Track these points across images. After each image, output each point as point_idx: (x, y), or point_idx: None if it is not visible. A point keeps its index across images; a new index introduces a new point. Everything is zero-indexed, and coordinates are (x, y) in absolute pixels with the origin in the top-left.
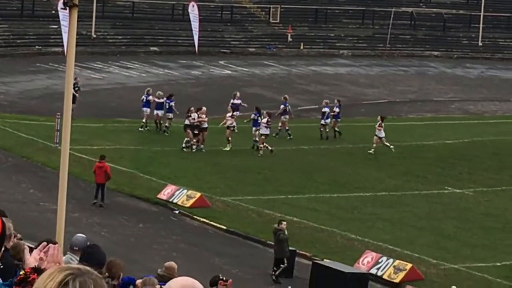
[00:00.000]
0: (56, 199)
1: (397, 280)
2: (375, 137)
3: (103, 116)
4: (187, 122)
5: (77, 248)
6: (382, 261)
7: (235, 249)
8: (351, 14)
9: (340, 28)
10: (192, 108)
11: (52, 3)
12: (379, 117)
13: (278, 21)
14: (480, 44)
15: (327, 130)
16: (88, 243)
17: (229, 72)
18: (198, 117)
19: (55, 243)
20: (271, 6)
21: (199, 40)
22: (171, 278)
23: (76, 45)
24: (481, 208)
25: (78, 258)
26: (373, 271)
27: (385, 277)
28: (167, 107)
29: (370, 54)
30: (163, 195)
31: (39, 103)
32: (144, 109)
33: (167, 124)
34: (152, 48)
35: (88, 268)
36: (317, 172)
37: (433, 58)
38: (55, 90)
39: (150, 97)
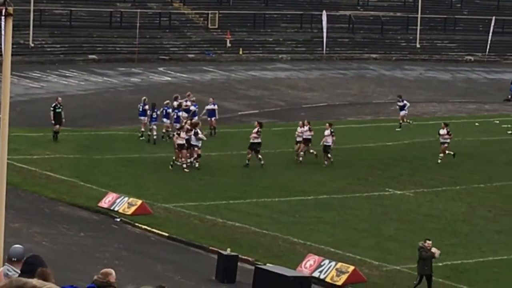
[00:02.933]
0: None
1: (339, 283)
2: None
3: (42, 126)
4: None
5: (15, 259)
6: (324, 264)
7: (177, 255)
8: (289, 19)
9: (278, 32)
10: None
11: None
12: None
13: (216, 26)
14: (418, 46)
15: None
16: (29, 254)
17: (169, 78)
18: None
19: None
20: (209, 12)
21: (138, 47)
22: (106, 283)
23: (14, 54)
24: (422, 209)
25: (16, 269)
26: (316, 274)
27: (327, 280)
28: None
29: (309, 58)
30: (104, 203)
31: None
32: (142, 118)
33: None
34: (90, 56)
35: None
36: (258, 176)
37: (371, 60)
38: None
39: (146, 106)
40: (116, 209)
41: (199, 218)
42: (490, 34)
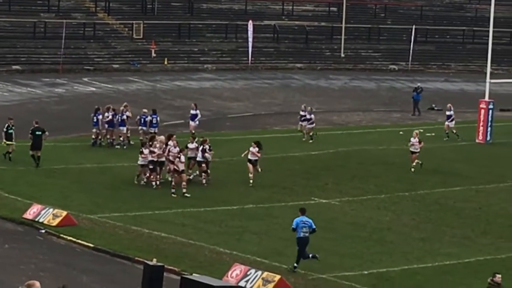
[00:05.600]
0: None
1: None
2: None
3: None
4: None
5: None
6: (250, 273)
7: (103, 266)
8: (214, 29)
9: (203, 42)
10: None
11: None
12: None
13: (141, 36)
14: (342, 55)
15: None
16: None
17: (93, 89)
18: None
19: None
20: (134, 22)
21: (63, 57)
22: None
23: None
24: (348, 218)
25: None
26: (242, 283)
27: None
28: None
29: (234, 68)
30: (29, 214)
31: None
32: (142, 127)
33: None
34: (14, 67)
35: None
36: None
37: (296, 70)
38: None
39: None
40: (41, 220)
41: (124, 229)
42: (412, 43)
